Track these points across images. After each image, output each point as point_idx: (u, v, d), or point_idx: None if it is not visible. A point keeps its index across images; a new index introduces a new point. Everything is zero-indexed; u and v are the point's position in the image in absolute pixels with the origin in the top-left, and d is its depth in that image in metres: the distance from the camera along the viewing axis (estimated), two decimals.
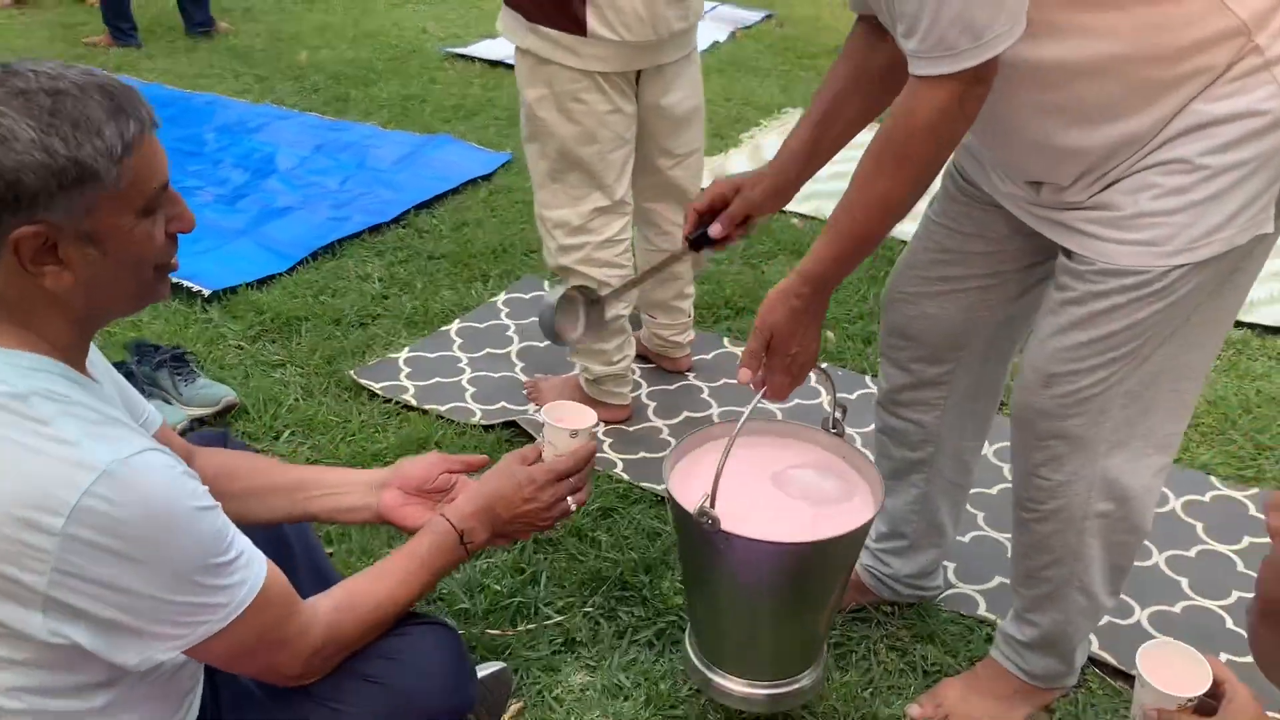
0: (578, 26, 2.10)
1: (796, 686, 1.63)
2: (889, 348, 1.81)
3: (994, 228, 1.64)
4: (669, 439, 2.46)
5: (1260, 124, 1.31)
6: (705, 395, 2.64)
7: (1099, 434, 1.50)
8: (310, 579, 1.56)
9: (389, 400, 2.56)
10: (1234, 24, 1.29)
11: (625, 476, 2.32)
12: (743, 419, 1.42)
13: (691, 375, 2.71)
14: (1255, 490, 2.34)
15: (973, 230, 1.66)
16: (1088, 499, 1.55)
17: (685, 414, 2.56)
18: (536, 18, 2.13)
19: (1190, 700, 1.22)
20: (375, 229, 3.39)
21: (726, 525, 1.43)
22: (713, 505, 1.42)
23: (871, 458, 1.73)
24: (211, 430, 1.90)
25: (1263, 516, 2.24)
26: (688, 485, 1.52)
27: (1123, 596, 2.04)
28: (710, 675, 1.63)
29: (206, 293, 2.96)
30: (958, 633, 1.95)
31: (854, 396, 2.63)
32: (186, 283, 2.98)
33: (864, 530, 1.51)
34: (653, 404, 2.60)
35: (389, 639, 1.38)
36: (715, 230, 1.61)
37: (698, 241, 1.63)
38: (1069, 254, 1.48)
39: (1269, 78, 1.30)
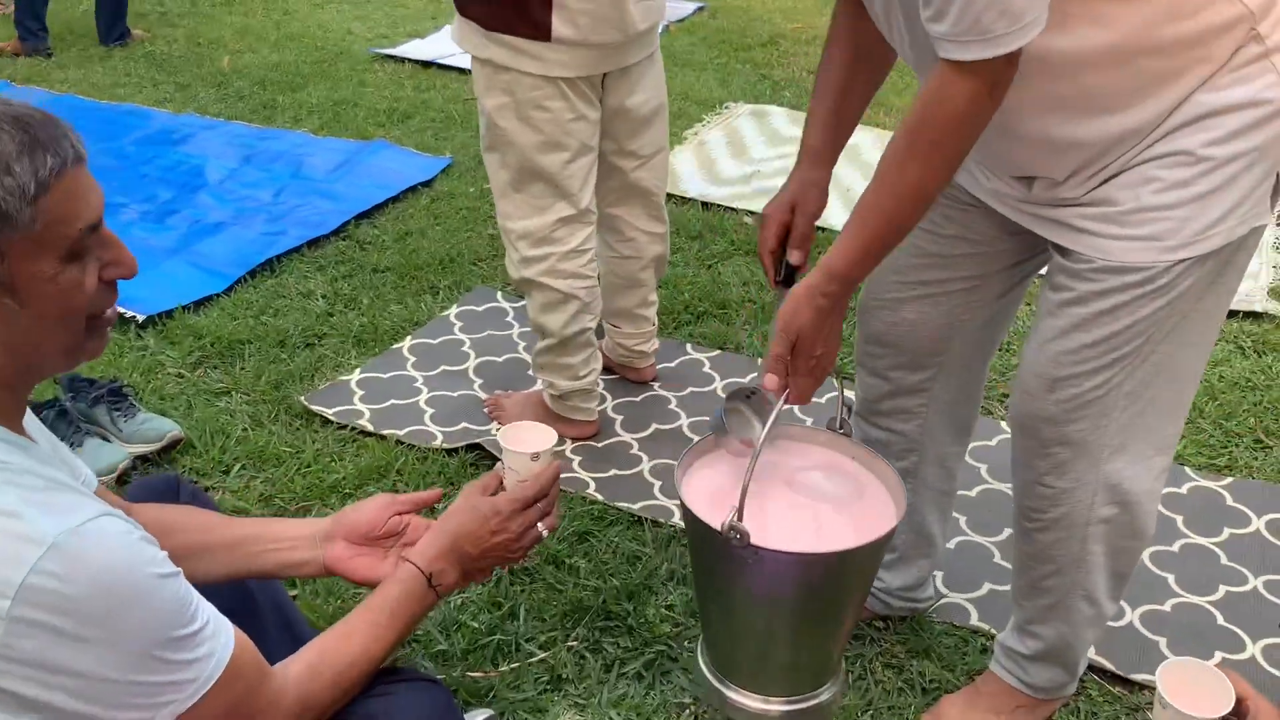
0: (541, 31, 2.01)
1: (816, 702, 1.58)
2: (867, 356, 1.75)
3: (976, 228, 1.59)
4: (639, 454, 2.38)
5: (1262, 114, 1.30)
6: (673, 405, 2.56)
7: (1102, 438, 1.47)
8: (279, 636, 1.48)
9: (344, 427, 2.44)
10: (1241, 12, 1.27)
11: (599, 497, 2.23)
12: (767, 426, 1.37)
13: (657, 385, 2.63)
14: (1230, 480, 2.33)
15: (954, 232, 1.61)
16: (1091, 505, 1.52)
17: (654, 426, 2.48)
18: (495, 26, 2.03)
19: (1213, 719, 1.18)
20: (314, 242, 3.25)
21: (754, 539, 1.37)
22: (740, 519, 1.34)
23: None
24: (157, 476, 1.77)
25: (1240, 507, 2.25)
26: (701, 497, 1.46)
27: None
28: (725, 691, 1.57)
29: (141, 318, 2.80)
30: (953, 645, 1.91)
31: (824, 401, 2.57)
32: (118, 308, 2.81)
33: (890, 534, 1.46)
34: (620, 417, 2.51)
35: (372, 700, 1.28)
36: (796, 258, 1.56)
37: (788, 279, 1.57)
38: (1064, 252, 1.44)
39: (1269, 66, 1.29)
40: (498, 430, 2.42)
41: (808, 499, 1.49)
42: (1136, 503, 1.52)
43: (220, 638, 1.08)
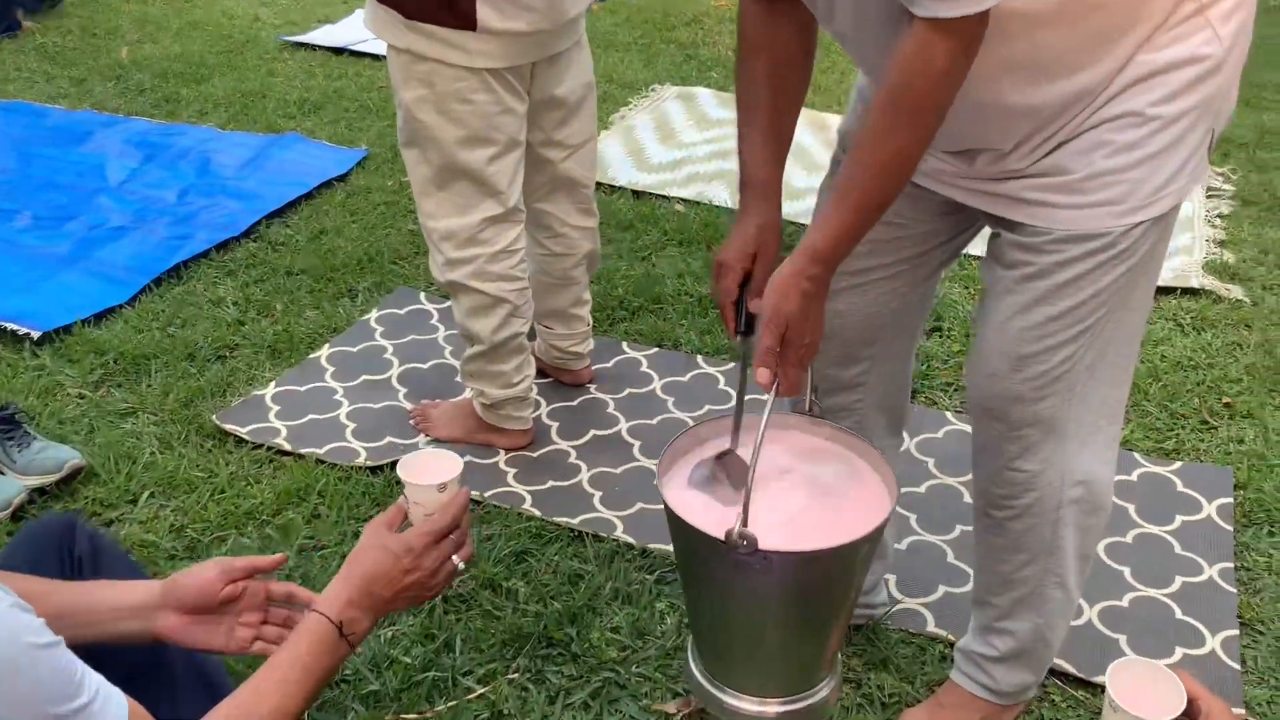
0: (466, 21, 1.87)
1: (814, 700, 1.51)
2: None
3: (907, 210, 1.52)
4: (577, 463, 2.27)
5: (1201, 70, 1.30)
6: (611, 409, 2.45)
7: (1069, 413, 1.44)
8: (194, 692, 1.38)
9: (259, 446, 2.29)
10: None
11: (536, 512, 2.12)
12: (763, 424, 1.28)
13: (594, 387, 2.51)
14: (1179, 464, 2.29)
15: (884, 217, 1.53)
16: (1061, 486, 1.49)
17: (592, 432, 2.37)
18: (416, 14, 1.89)
19: None
20: (223, 245, 3.07)
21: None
22: (745, 525, 1.27)
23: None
24: (53, 518, 1.61)
25: (1191, 493, 2.21)
26: (687, 500, 1.40)
27: None
28: (722, 696, 1.50)
29: (36, 335, 2.61)
30: (910, 655, 1.83)
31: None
32: (10, 325, 2.62)
33: (891, 514, 1.40)
34: (555, 424, 2.40)
35: None
36: (756, 306, 1.45)
37: (749, 328, 1.46)
38: (1014, 226, 1.39)
39: (1204, 22, 1.29)
40: (430, 441, 2.30)
41: (799, 490, 1.42)
42: (1097, 477, 1.51)
43: (110, 709, 0.99)
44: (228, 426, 2.32)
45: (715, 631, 1.48)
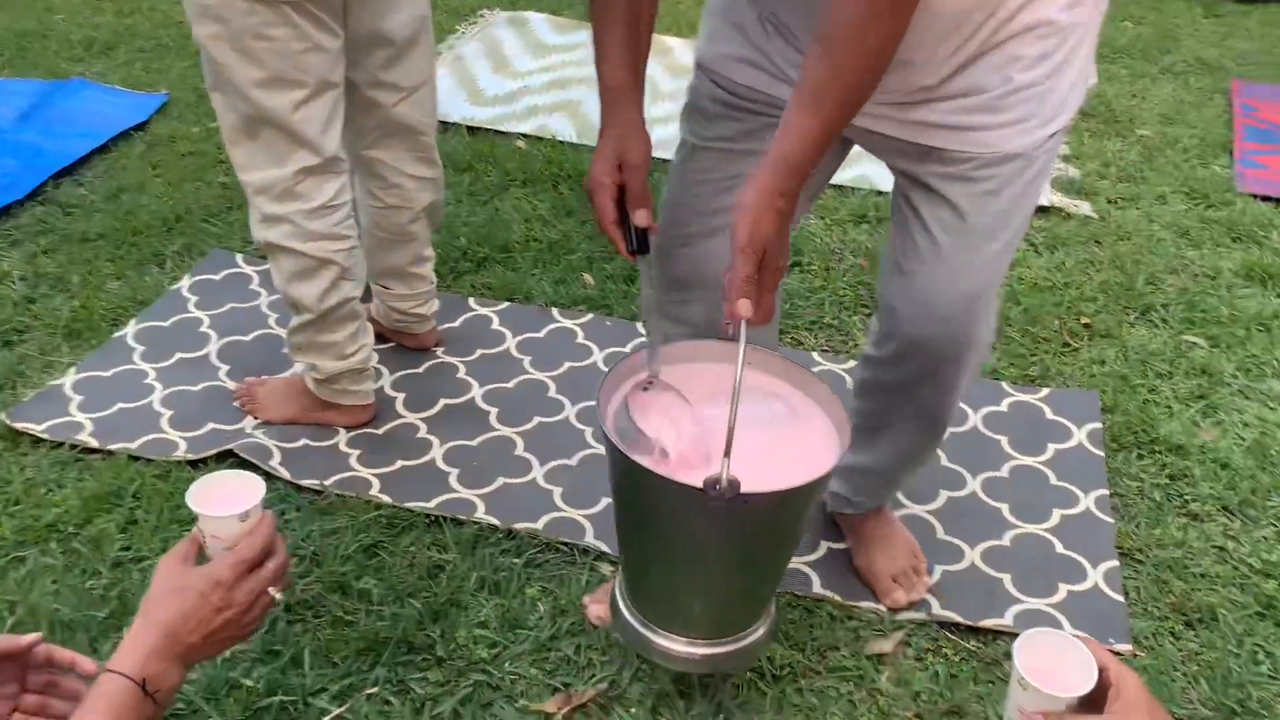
0: None
1: (748, 641, 1.47)
2: (671, 304, 1.57)
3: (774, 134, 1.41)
4: (428, 437, 2.07)
5: None
6: (462, 374, 2.26)
7: (985, 337, 1.48)
8: None
9: (60, 445, 2.01)
10: None
11: (386, 499, 1.92)
12: (740, 357, 1.18)
13: (441, 351, 2.31)
14: (1046, 391, 2.26)
15: (757, 145, 1.42)
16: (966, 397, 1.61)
17: (443, 402, 2.17)
18: None
19: (1078, 699, 1.11)
20: (4, 211, 2.70)
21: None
22: (726, 470, 1.17)
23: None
24: None
25: (1061, 420, 2.18)
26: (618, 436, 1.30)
27: (951, 538, 1.91)
28: (654, 638, 1.45)
29: None
30: (798, 619, 1.74)
31: (628, 349, 2.33)
32: None
33: (849, 443, 1.34)
34: (401, 395, 2.19)
35: None
36: (644, 219, 1.38)
37: (641, 245, 1.39)
38: (936, 155, 1.34)
39: None
40: (259, 424, 2.06)
41: (747, 425, 1.33)
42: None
43: None
44: (20, 425, 2.03)
45: (659, 580, 1.41)
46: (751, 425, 1.26)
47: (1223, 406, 2.23)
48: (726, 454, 1.16)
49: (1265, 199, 3.01)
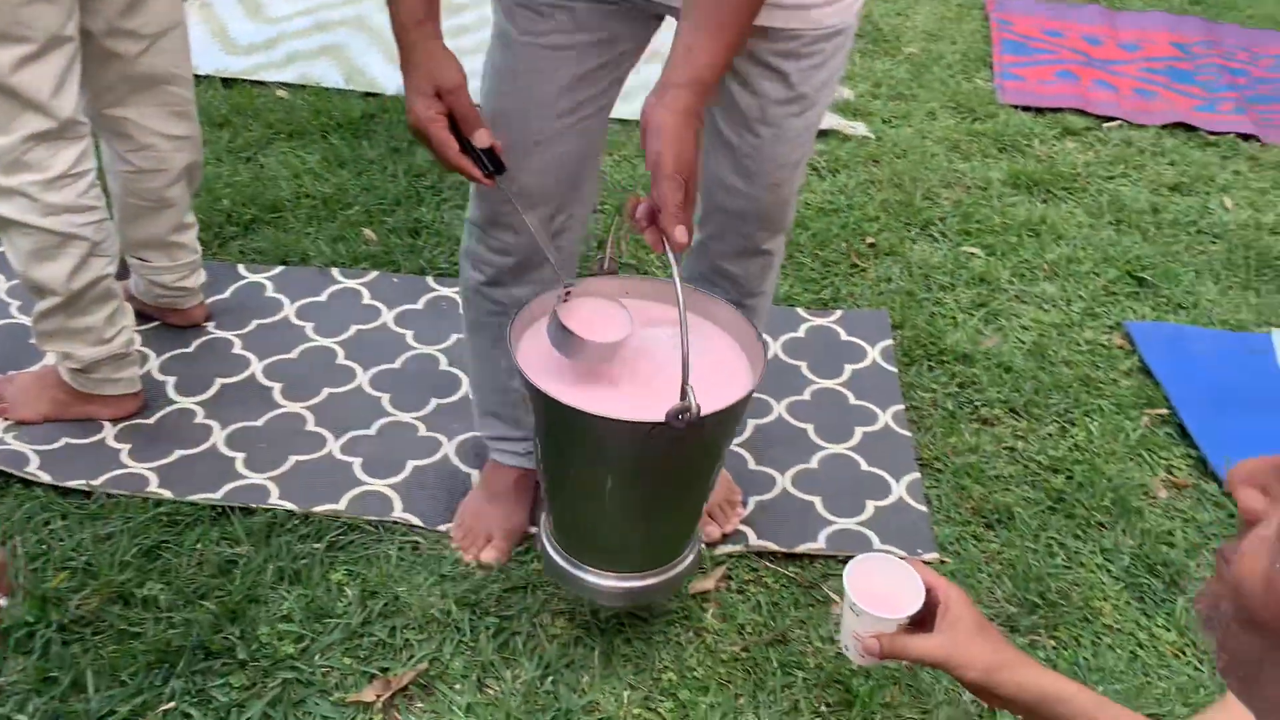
0: None
1: (676, 570, 1.46)
2: (501, 220, 1.50)
3: (615, 27, 1.39)
4: (207, 422, 1.91)
5: None
6: (239, 349, 2.09)
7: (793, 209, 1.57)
8: None
9: None
10: None
11: (165, 494, 1.75)
12: (678, 285, 1.14)
13: (212, 325, 2.13)
14: (839, 313, 2.30)
15: (598, 37, 1.38)
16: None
17: (219, 381, 2.01)
18: None
19: (908, 618, 1.13)
20: None
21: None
22: (694, 397, 1.14)
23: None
24: None
25: (855, 340, 2.23)
26: (542, 373, 1.26)
27: (763, 468, 1.92)
28: (581, 574, 1.43)
29: None
30: None
31: (420, 305, 2.22)
32: None
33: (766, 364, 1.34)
34: (171, 379, 2.01)
35: None
36: (485, 139, 1.33)
37: (496, 164, 1.35)
38: (762, 33, 1.32)
39: None
40: (8, 424, 1.85)
41: (655, 356, 1.32)
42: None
43: None
44: None
45: (592, 517, 1.39)
46: (668, 349, 1.28)
47: (1002, 312, 2.33)
48: (685, 380, 1.14)
49: (1025, 109, 3.16)
